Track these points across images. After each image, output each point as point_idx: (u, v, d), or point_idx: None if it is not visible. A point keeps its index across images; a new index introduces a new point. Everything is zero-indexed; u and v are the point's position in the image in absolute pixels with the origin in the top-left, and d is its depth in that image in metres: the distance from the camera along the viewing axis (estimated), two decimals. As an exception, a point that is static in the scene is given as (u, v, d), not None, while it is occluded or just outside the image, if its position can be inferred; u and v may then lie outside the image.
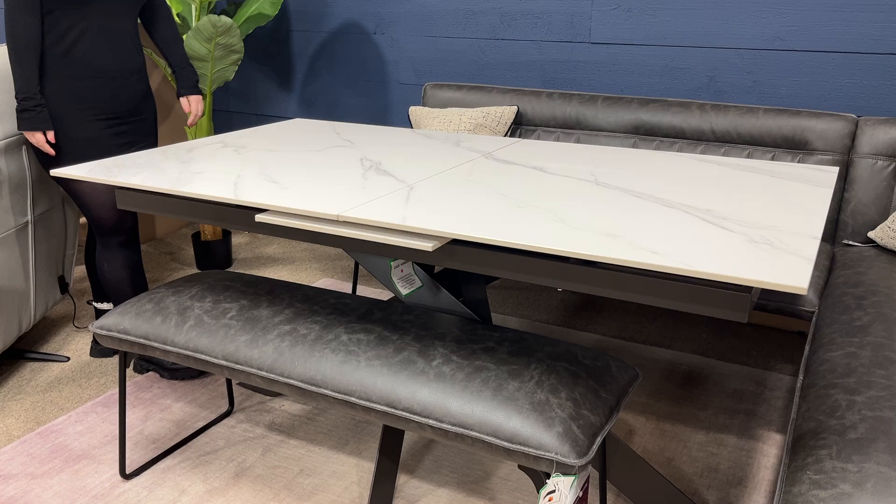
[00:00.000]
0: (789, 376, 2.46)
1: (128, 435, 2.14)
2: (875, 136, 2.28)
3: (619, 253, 1.23)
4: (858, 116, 2.39)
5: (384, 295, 3.08)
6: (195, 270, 3.39)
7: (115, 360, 2.57)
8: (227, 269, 3.40)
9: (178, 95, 2.44)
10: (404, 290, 1.74)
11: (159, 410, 2.26)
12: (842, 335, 1.74)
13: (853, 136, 2.32)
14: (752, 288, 1.24)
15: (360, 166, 1.83)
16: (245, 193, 1.57)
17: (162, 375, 2.43)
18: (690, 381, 2.43)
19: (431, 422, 1.42)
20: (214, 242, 3.33)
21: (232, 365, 1.63)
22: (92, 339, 2.69)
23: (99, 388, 2.39)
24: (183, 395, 2.34)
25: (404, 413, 1.45)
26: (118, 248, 2.32)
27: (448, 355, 1.53)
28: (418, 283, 1.75)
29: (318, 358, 1.57)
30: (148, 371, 2.47)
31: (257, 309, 1.74)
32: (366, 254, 1.68)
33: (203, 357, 1.66)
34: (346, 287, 3.17)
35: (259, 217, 1.52)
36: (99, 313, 2.61)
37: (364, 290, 3.13)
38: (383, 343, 1.58)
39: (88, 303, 2.82)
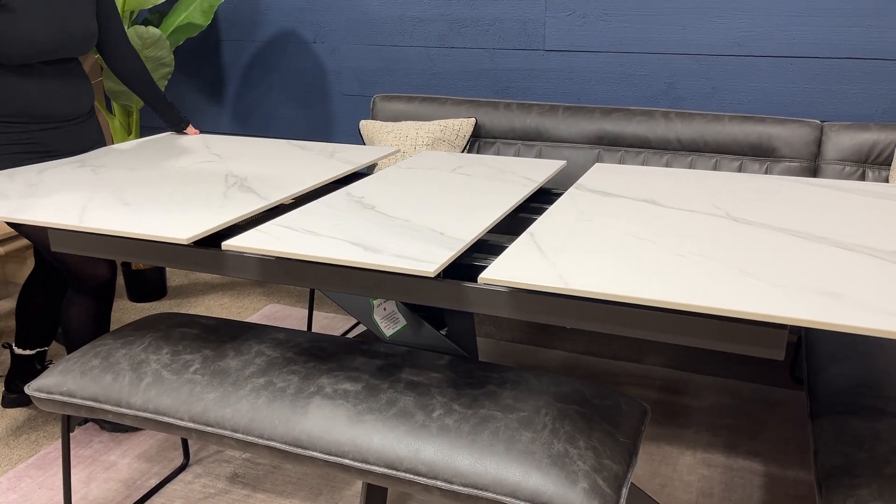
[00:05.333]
0: (765, 385, 2.42)
1: (71, 501, 1.90)
2: (840, 141, 2.27)
3: (857, 320, 1.03)
4: (822, 122, 2.38)
5: (343, 320, 2.91)
6: (127, 302, 3.12)
7: (42, 410, 2.31)
8: (162, 299, 3.14)
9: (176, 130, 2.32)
10: (388, 331, 1.59)
11: (104, 469, 2.02)
12: (839, 344, 1.69)
13: (819, 143, 2.31)
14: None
15: (224, 183, 1.71)
16: (92, 220, 1.44)
17: (103, 427, 2.19)
18: (667, 397, 2.36)
19: (440, 483, 1.28)
20: (147, 271, 3.07)
21: (201, 427, 1.44)
22: (3, 386, 2.41)
23: (30, 446, 2.13)
24: (129, 448, 2.11)
25: (407, 475, 1.30)
26: (83, 294, 2.08)
27: (448, 404, 1.39)
28: (403, 322, 1.60)
29: (301, 415, 1.40)
30: (86, 422, 2.22)
31: (223, 360, 1.55)
32: (348, 293, 1.52)
33: (166, 420, 1.46)
34: (296, 314, 2.98)
35: (227, 244, 1.34)
36: (17, 360, 2.33)
37: (319, 317, 2.94)
38: (373, 393, 1.43)
39: (5, 345, 2.52)
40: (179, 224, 1.41)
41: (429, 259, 1.26)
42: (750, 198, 1.64)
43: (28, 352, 2.33)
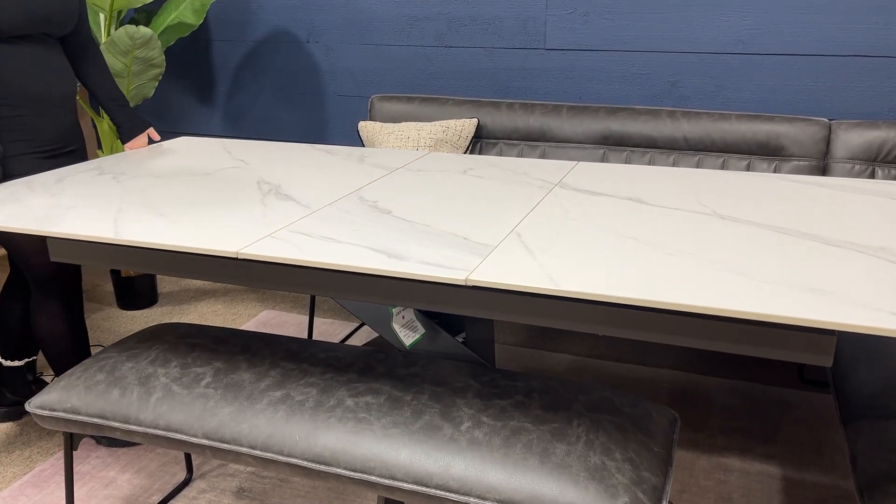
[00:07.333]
0: (775, 387, 2.40)
1: (70, 521, 1.82)
2: (849, 139, 2.25)
3: (857, 319, 1.01)
4: (830, 120, 2.36)
5: (341, 325, 2.84)
6: (117, 310, 3.03)
7: (35, 424, 2.22)
8: (152, 307, 3.06)
9: (123, 142, 2.16)
10: (408, 340, 1.54)
11: (103, 486, 1.95)
12: (864, 345, 1.67)
13: (827, 141, 2.28)
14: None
15: (258, 191, 1.64)
16: (128, 231, 1.37)
17: (99, 442, 2.11)
18: (677, 400, 2.33)
19: (472, 500, 1.23)
20: (137, 278, 2.98)
21: (216, 444, 1.37)
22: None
23: (23, 463, 2.05)
24: (129, 464, 2.03)
25: (438, 491, 1.25)
26: (51, 298, 1.99)
27: (476, 416, 1.34)
28: (421, 331, 1.54)
29: (322, 429, 1.34)
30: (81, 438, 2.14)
31: (236, 372, 1.49)
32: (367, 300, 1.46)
33: (178, 437, 1.40)
34: (293, 320, 2.91)
35: (243, 252, 1.28)
36: (4, 372, 2.24)
37: (317, 323, 2.87)
38: (397, 406, 1.37)
39: None
40: (225, 236, 1.35)
41: (458, 266, 1.21)
42: (735, 195, 1.61)
43: (16, 363, 2.24)
